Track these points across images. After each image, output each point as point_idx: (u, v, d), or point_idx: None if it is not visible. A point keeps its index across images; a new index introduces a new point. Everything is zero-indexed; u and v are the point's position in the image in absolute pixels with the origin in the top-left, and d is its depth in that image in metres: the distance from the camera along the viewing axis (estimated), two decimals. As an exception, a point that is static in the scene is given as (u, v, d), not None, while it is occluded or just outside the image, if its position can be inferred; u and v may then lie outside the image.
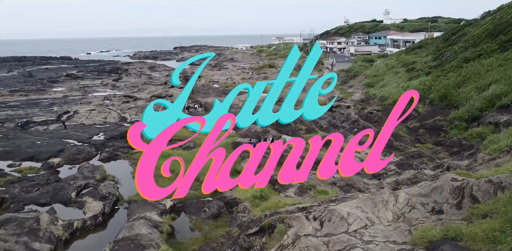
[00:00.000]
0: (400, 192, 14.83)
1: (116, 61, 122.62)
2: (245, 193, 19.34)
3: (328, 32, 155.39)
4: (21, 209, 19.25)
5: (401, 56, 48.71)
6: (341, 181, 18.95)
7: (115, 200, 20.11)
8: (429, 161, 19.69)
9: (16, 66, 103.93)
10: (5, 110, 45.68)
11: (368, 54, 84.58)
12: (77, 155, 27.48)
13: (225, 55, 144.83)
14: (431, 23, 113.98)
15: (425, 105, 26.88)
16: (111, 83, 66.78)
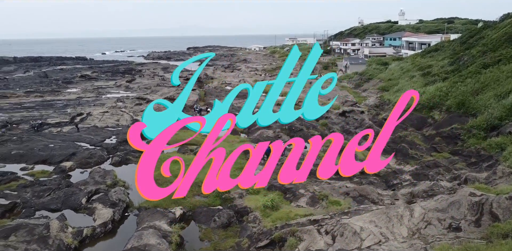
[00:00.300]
0: (415, 206, 14.37)
1: (130, 62, 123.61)
2: (256, 201, 19.07)
3: (342, 33, 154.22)
4: (32, 214, 19.26)
5: (416, 59, 47.83)
6: (354, 191, 18.52)
7: (125, 207, 20.00)
8: (445, 171, 19.10)
9: (33, 67, 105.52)
10: (20, 111, 46.28)
11: (383, 56, 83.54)
12: (89, 159, 27.54)
13: (238, 56, 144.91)
14: (448, 24, 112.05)
15: (442, 113, 26.17)
16: (125, 84, 67.22)
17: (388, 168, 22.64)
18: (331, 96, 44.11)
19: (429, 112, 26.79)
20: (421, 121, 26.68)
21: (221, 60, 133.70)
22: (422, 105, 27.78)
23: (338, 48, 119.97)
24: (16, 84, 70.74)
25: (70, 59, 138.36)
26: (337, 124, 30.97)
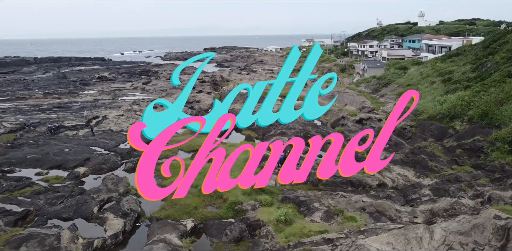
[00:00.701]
0: (435, 227, 13.68)
1: (147, 63, 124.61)
2: (269, 214, 18.61)
3: (360, 34, 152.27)
4: (44, 223, 19.23)
5: (436, 64, 46.55)
6: (371, 207, 17.87)
7: (137, 216, 19.80)
8: (467, 187, 18.26)
9: (52, 67, 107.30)
10: (38, 113, 46.87)
11: (401, 58, 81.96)
12: (102, 165, 27.54)
13: (254, 57, 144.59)
14: (469, 26, 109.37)
15: (463, 123, 25.14)
16: (141, 86, 67.57)
17: (406, 180, 21.90)
18: (347, 101, 43.36)
19: (450, 123, 25.79)
20: (441, 132, 25.70)
21: (237, 61, 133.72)
22: (442, 114, 26.80)
23: (356, 50, 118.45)
24: (35, 85, 71.93)
25: (88, 59, 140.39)
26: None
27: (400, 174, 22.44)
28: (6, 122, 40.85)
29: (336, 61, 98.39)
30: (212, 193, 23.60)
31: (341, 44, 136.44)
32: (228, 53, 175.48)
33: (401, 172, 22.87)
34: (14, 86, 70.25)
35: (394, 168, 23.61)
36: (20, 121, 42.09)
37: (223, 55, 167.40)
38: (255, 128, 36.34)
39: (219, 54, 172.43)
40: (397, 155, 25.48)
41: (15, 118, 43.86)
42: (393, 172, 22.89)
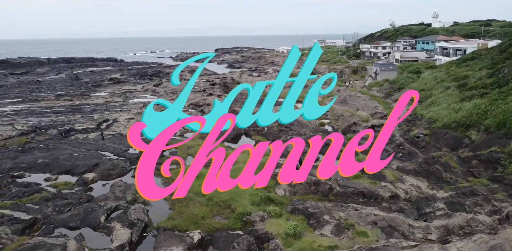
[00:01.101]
0: (451, 247, 13.15)
1: (159, 64, 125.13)
2: (278, 226, 18.24)
3: (372, 35, 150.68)
4: (51, 232, 19.12)
5: (451, 68, 45.53)
6: (383, 221, 17.33)
7: (144, 226, 19.57)
8: (484, 202, 17.58)
9: (65, 68, 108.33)
10: (50, 116, 47.13)
11: (415, 60, 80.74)
12: (111, 171, 27.45)
13: (265, 58, 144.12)
14: (484, 27, 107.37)
15: (480, 133, 24.30)
16: (152, 88, 67.66)
17: (420, 192, 21.28)
18: (359, 106, 42.66)
19: (465, 132, 24.98)
20: (456, 141, 24.91)
21: (248, 62, 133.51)
22: (457, 123, 25.97)
23: (368, 51, 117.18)
24: (48, 87, 72.57)
25: (101, 60, 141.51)
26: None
27: (414, 185, 21.82)
28: (18, 125, 41.13)
29: (348, 63, 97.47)
30: (220, 202, 23.23)
31: (353, 45, 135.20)
32: (239, 54, 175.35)
33: (415, 182, 22.24)
34: (27, 88, 70.99)
35: (407, 178, 23.00)
36: (32, 123, 42.36)
37: (234, 56, 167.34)
38: (265, 133, 35.97)
39: (230, 55, 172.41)
40: (410, 164, 24.83)
41: (27, 120, 44.16)
42: (406, 183, 22.28)
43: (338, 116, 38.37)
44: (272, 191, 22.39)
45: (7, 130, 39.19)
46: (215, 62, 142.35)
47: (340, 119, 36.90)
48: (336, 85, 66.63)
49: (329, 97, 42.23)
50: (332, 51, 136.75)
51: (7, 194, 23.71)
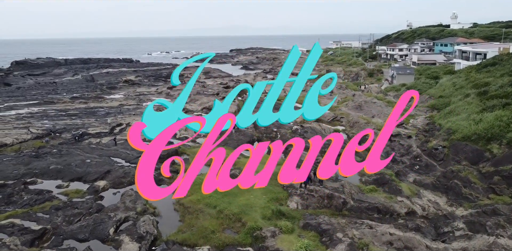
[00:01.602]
0: (472, 276, 12.39)
1: (174, 65, 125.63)
2: (289, 243, 17.72)
3: (389, 36, 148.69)
4: (60, 244, 18.93)
5: (471, 74, 44.21)
6: (399, 242, 16.63)
7: (153, 239, 19.27)
8: (507, 223, 16.72)
9: (81, 69, 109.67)
10: (64, 119, 47.50)
11: (433, 64, 79.17)
12: (122, 178, 27.26)
13: (280, 59, 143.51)
14: (505, 29, 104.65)
15: (502, 146, 23.27)
16: (166, 91, 67.78)
17: (438, 209, 20.46)
18: (375, 113, 41.72)
19: (486, 145, 23.97)
20: (477, 155, 23.92)
21: (263, 63, 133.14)
22: (478, 135, 24.95)
23: (385, 53, 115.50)
24: (63, 88, 73.42)
25: (117, 61, 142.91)
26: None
27: (431, 201, 21.00)
28: (34, 128, 41.53)
29: (364, 65, 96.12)
30: (230, 215, 22.70)
31: (369, 46, 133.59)
32: (254, 55, 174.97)
33: (432, 198, 21.41)
34: (44, 90, 71.95)
35: (424, 193, 22.18)
36: (46, 127, 42.74)
37: (249, 57, 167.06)
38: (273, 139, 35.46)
39: (245, 56, 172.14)
40: (427, 178, 23.99)
41: (42, 123, 44.58)
42: (423, 198, 21.48)
43: (353, 123, 37.56)
44: (284, 203, 21.88)
45: (23, 133, 39.62)
46: (230, 63, 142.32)
47: (355, 127, 36.07)
48: (351, 89, 65.53)
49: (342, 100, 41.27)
50: (347, 52, 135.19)
51: (19, 202, 23.74)
